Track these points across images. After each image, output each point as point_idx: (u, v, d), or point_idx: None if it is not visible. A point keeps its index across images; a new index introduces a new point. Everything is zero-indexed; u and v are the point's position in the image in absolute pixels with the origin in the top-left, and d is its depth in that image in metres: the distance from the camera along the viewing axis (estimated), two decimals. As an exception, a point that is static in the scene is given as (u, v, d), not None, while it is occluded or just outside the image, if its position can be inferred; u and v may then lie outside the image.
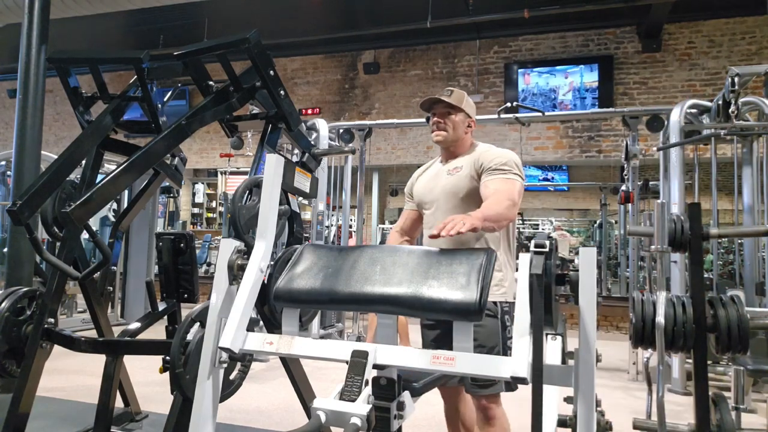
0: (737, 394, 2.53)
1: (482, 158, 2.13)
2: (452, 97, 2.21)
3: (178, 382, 2.02)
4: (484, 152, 2.18)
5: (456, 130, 2.21)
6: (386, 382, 1.40)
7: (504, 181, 2.06)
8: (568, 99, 8.26)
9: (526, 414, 1.21)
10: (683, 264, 4.28)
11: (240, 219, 2.19)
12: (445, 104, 2.20)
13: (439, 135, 2.22)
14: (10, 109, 9.87)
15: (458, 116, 2.22)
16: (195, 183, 13.46)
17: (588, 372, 1.25)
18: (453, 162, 2.23)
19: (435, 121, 2.22)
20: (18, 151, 3.94)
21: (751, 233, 3.71)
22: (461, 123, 2.23)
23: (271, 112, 2.69)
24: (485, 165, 2.11)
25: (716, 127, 4.32)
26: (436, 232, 1.63)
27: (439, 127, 2.21)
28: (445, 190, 2.17)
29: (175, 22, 8.16)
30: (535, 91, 8.40)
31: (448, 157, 2.27)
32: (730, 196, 5.13)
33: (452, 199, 2.15)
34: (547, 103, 8.27)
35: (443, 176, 2.22)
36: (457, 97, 2.23)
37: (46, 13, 4.13)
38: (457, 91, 2.23)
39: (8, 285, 3.62)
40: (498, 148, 2.21)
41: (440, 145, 2.27)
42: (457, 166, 2.19)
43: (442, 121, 2.20)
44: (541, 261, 1.30)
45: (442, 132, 2.21)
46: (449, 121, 2.20)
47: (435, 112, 2.23)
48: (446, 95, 2.21)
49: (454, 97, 2.21)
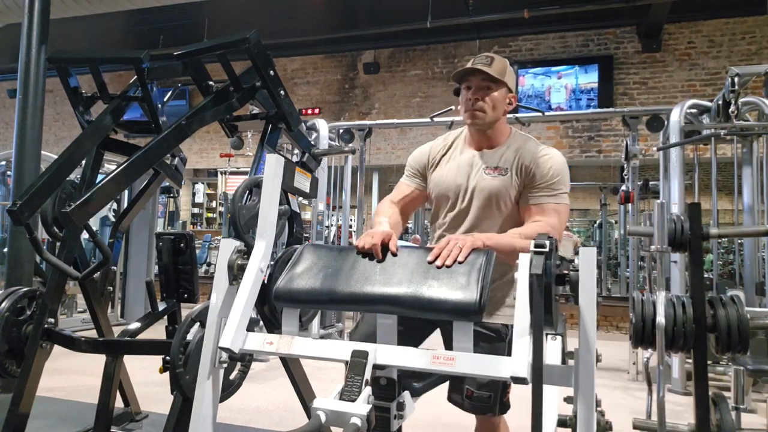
0: (737, 394, 2.53)
1: (532, 164, 1.74)
2: (493, 66, 1.75)
3: (178, 382, 2.02)
4: (532, 153, 1.76)
5: (496, 109, 1.76)
6: (386, 382, 1.40)
7: (553, 209, 1.71)
8: (563, 101, 8.25)
9: (526, 414, 1.21)
10: (683, 264, 4.28)
11: (240, 219, 2.19)
12: (485, 75, 1.74)
13: (476, 116, 1.75)
14: (10, 109, 9.87)
15: (499, 91, 1.76)
16: (195, 183, 13.46)
17: (588, 372, 1.25)
18: (490, 155, 1.79)
19: (470, 98, 1.75)
20: (18, 151, 3.94)
21: (751, 233, 3.71)
22: (502, 100, 1.78)
23: (271, 112, 2.69)
24: (537, 177, 1.73)
25: (716, 127, 4.32)
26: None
27: (477, 105, 1.74)
28: (483, 194, 1.76)
29: (175, 22, 8.16)
30: (531, 92, 8.39)
31: (481, 144, 1.82)
32: (730, 196, 5.13)
33: (489, 209, 1.76)
34: (542, 105, 8.27)
35: (478, 173, 1.79)
36: (499, 66, 1.76)
37: (46, 13, 4.13)
38: (498, 58, 1.78)
39: (8, 285, 3.62)
40: (545, 147, 1.80)
41: (473, 128, 1.81)
42: (498, 166, 1.77)
43: (480, 97, 1.74)
44: (541, 261, 1.30)
45: (479, 112, 1.74)
46: (489, 98, 1.74)
47: (470, 85, 1.77)
48: (485, 64, 1.74)
49: (495, 66, 1.75)
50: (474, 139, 1.85)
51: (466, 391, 1.74)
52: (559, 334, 1.50)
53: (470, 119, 1.78)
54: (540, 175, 1.73)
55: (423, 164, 1.92)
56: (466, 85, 1.78)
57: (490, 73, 1.73)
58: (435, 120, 5.94)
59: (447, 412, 1.82)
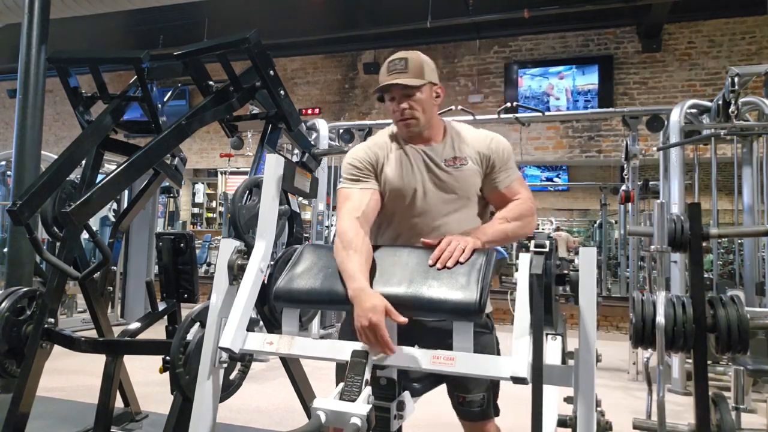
0: (737, 394, 2.53)
1: (489, 152, 1.72)
2: (410, 70, 1.65)
3: (178, 382, 2.02)
4: (481, 141, 1.75)
5: (426, 111, 1.69)
6: (386, 382, 1.40)
7: (520, 185, 1.74)
8: (563, 104, 8.26)
9: (526, 414, 1.21)
10: (683, 264, 4.28)
11: (240, 219, 2.19)
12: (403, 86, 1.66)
13: (409, 125, 1.69)
14: (10, 109, 9.87)
15: (424, 92, 1.67)
16: (195, 183, 13.46)
17: (588, 372, 1.25)
18: (439, 148, 1.73)
19: (397, 110, 1.68)
20: (18, 151, 3.94)
21: (751, 233, 3.72)
22: (429, 100, 1.69)
23: (271, 112, 2.69)
24: (497, 163, 1.73)
25: (716, 127, 4.32)
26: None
27: (406, 114, 1.67)
28: (449, 187, 1.70)
29: (175, 22, 8.16)
30: (528, 94, 8.39)
31: (422, 140, 1.75)
32: (730, 196, 5.13)
33: (457, 201, 1.71)
34: (540, 106, 8.28)
35: (436, 168, 1.71)
36: (415, 67, 1.66)
37: (46, 13, 4.13)
38: (412, 57, 1.67)
39: (8, 285, 3.62)
40: (484, 131, 1.80)
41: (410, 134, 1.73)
42: (456, 156, 1.71)
43: (408, 106, 1.66)
44: (541, 261, 1.30)
45: (411, 120, 1.68)
46: (416, 104, 1.66)
47: (393, 96, 1.68)
48: (401, 71, 1.64)
49: (412, 69, 1.65)
50: (412, 138, 1.75)
51: (458, 398, 1.69)
52: (559, 334, 1.50)
53: (405, 129, 1.71)
54: (499, 160, 1.73)
55: (372, 163, 1.74)
56: (389, 96, 1.69)
57: (408, 83, 1.64)
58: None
59: (447, 412, 1.82)
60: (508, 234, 1.67)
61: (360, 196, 1.68)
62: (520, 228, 1.68)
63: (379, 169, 1.73)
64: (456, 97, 8.48)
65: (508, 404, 2.10)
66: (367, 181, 1.72)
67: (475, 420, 1.73)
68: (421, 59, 1.69)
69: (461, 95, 8.64)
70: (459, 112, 5.81)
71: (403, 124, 1.70)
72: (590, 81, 8.19)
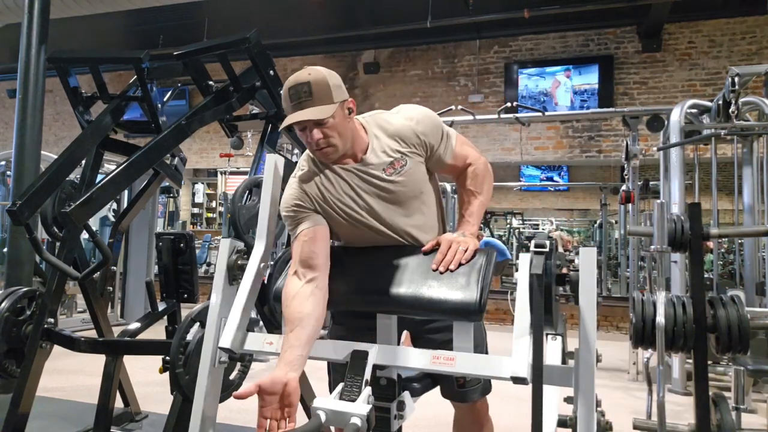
0: (737, 394, 2.53)
1: (419, 134, 1.60)
2: (315, 97, 1.47)
3: (178, 382, 2.02)
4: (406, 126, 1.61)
5: (343, 134, 1.52)
6: (386, 382, 1.40)
7: (461, 145, 1.71)
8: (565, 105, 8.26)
9: (526, 414, 1.21)
10: (683, 264, 4.28)
11: (240, 219, 2.19)
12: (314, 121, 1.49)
13: (328, 154, 1.53)
14: (10, 109, 9.86)
15: (336, 116, 1.50)
16: (195, 183, 13.46)
17: (588, 372, 1.25)
18: (371, 158, 1.57)
19: (311, 141, 1.51)
20: (18, 151, 3.94)
21: (751, 233, 3.72)
22: (343, 120, 1.52)
23: (271, 112, 2.69)
24: (432, 139, 1.62)
25: (716, 127, 4.32)
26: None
27: (321, 145, 1.50)
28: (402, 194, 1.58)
29: (175, 22, 8.15)
30: (524, 93, 8.39)
31: (349, 158, 1.59)
32: (730, 196, 5.13)
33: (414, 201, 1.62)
34: (540, 105, 8.28)
35: (377, 182, 1.57)
36: (320, 91, 1.48)
37: (46, 13, 4.13)
38: (314, 79, 1.48)
39: (8, 285, 3.61)
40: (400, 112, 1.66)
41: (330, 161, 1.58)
42: (394, 160, 1.57)
43: (322, 135, 1.49)
44: (542, 261, 1.30)
45: (329, 148, 1.51)
46: (330, 130, 1.49)
47: (304, 127, 1.50)
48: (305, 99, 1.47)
49: (317, 94, 1.47)
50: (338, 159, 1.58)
51: (457, 381, 1.64)
52: (559, 334, 1.50)
53: (324, 158, 1.56)
54: (432, 137, 1.62)
55: (310, 200, 1.59)
56: (299, 127, 1.51)
57: (316, 118, 1.47)
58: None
59: (447, 412, 1.82)
60: (485, 203, 1.71)
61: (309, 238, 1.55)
62: (490, 189, 1.73)
63: (316, 206, 1.59)
64: (456, 97, 8.48)
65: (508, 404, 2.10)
66: (313, 217, 1.58)
67: (475, 399, 1.71)
68: (325, 80, 1.50)
69: (461, 95, 8.64)
70: (459, 112, 5.81)
71: (321, 154, 1.54)
72: (590, 81, 8.19)
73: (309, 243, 1.54)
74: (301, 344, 1.41)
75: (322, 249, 1.55)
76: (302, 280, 1.50)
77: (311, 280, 1.50)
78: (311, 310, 1.46)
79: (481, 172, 1.72)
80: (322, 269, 1.53)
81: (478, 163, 1.73)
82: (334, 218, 1.60)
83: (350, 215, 1.58)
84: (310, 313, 1.45)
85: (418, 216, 1.63)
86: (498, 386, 1.63)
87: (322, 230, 1.58)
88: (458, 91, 8.74)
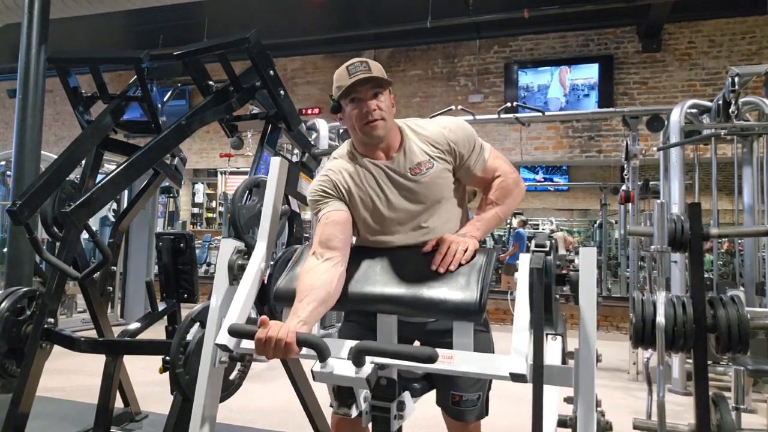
0: (737, 394, 2.53)
1: (450, 143, 1.62)
2: (373, 69, 1.56)
3: (178, 382, 2.02)
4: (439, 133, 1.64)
5: (391, 113, 1.59)
6: (386, 382, 1.40)
7: (494, 159, 1.68)
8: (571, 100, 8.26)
9: (525, 414, 1.21)
10: (683, 264, 4.28)
11: (240, 219, 2.19)
12: (374, 81, 1.55)
13: (377, 128, 1.56)
14: (10, 109, 9.86)
15: (387, 95, 1.59)
16: (195, 183, 13.46)
17: (588, 372, 1.25)
18: (400, 158, 1.62)
19: (364, 111, 1.55)
20: (18, 151, 3.94)
21: (751, 233, 3.72)
22: (390, 105, 1.60)
23: (271, 112, 2.69)
24: (464, 150, 1.63)
25: (716, 127, 4.32)
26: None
27: (375, 115, 1.54)
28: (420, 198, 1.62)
29: (175, 22, 8.15)
30: (526, 93, 8.39)
31: (381, 153, 1.63)
32: (730, 196, 5.13)
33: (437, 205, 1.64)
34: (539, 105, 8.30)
35: (401, 180, 1.61)
36: (377, 69, 1.57)
37: (46, 13, 4.13)
38: (370, 61, 1.59)
39: (8, 285, 3.62)
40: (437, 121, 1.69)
41: (372, 141, 1.60)
42: (420, 162, 1.61)
43: (376, 107, 1.55)
44: (542, 257, 1.30)
45: (380, 121, 1.55)
46: (383, 105, 1.56)
47: (357, 97, 1.55)
48: (366, 71, 1.54)
49: (375, 69, 1.56)
50: (371, 151, 1.63)
51: (453, 397, 1.63)
52: (559, 334, 1.49)
53: (372, 132, 1.56)
54: (463, 146, 1.64)
55: (338, 187, 1.63)
56: (351, 98, 1.56)
57: (379, 76, 1.55)
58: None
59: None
60: (501, 216, 1.67)
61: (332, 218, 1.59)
62: (512, 204, 1.69)
63: (342, 194, 1.64)
64: (456, 97, 8.48)
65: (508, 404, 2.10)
66: (337, 202, 1.62)
67: (468, 420, 1.68)
68: (378, 64, 1.60)
69: (461, 95, 8.64)
70: (459, 112, 5.81)
71: (372, 126, 1.55)
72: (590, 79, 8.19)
73: (330, 226, 1.57)
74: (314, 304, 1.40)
75: (342, 233, 1.57)
76: (319, 259, 1.51)
77: (328, 260, 1.51)
78: (324, 281, 1.45)
79: (509, 186, 1.68)
80: (341, 251, 1.54)
81: (508, 178, 1.69)
82: (357, 209, 1.64)
83: (371, 208, 1.63)
84: (323, 285, 1.45)
85: (434, 219, 1.63)
86: (497, 386, 1.63)
87: (343, 215, 1.60)
88: (458, 91, 8.74)
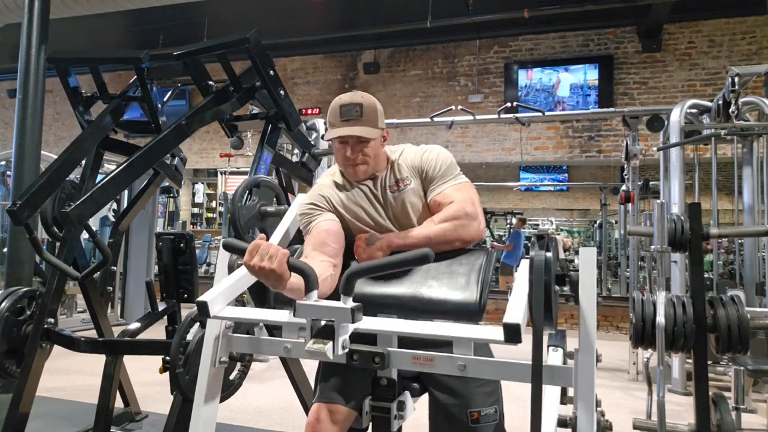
0: (737, 394, 2.54)
1: (422, 163, 1.67)
2: (365, 116, 1.60)
3: (178, 382, 2.02)
4: (415, 154, 1.71)
5: (376, 157, 1.66)
6: (386, 382, 1.40)
7: (454, 190, 1.64)
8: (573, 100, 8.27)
9: (525, 414, 1.21)
10: (683, 264, 4.28)
11: (240, 219, 2.19)
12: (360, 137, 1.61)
13: (359, 171, 1.65)
14: (10, 109, 9.87)
15: (376, 139, 1.63)
16: (195, 183, 13.46)
17: (588, 372, 1.25)
18: (385, 176, 1.69)
19: (349, 156, 1.62)
20: (18, 151, 3.94)
21: (751, 233, 3.71)
22: (379, 146, 1.66)
23: (271, 112, 2.69)
24: (430, 172, 1.66)
25: (716, 127, 4.32)
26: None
27: (357, 161, 1.63)
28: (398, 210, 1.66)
29: (175, 22, 8.15)
30: (539, 86, 8.40)
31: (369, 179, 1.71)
32: (730, 196, 5.14)
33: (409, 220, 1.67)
34: (549, 99, 8.29)
35: (380, 195, 1.67)
36: (370, 113, 1.61)
37: (46, 13, 4.13)
38: (366, 101, 1.62)
39: (8, 285, 3.62)
40: (423, 146, 1.74)
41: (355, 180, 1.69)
42: (399, 179, 1.67)
43: (360, 151, 1.61)
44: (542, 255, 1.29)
45: (361, 166, 1.64)
46: (369, 151, 1.62)
47: (345, 142, 1.62)
48: (356, 119, 1.59)
49: (367, 115, 1.61)
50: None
51: (471, 415, 1.53)
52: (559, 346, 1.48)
53: (353, 173, 1.66)
54: (431, 169, 1.66)
55: (327, 202, 1.69)
56: (340, 140, 1.62)
57: (364, 135, 1.59)
58: (435, 120, 5.95)
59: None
60: (431, 237, 1.56)
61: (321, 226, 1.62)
62: (449, 230, 1.57)
63: (332, 207, 1.68)
64: (456, 97, 8.48)
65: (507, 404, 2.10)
66: (327, 213, 1.67)
67: None
68: (375, 106, 1.64)
69: (461, 95, 8.64)
70: (459, 112, 5.81)
71: (353, 170, 1.65)
72: (590, 79, 8.19)
73: (323, 233, 1.60)
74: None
75: (335, 242, 1.59)
76: (313, 261, 1.47)
77: (322, 261, 1.50)
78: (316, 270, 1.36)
79: (452, 213, 1.59)
80: (334, 258, 1.54)
81: (456, 206, 1.60)
82: (344, 222, 1.67)
83: (355, 223, 1.67)
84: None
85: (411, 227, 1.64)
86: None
87: (335, 225, 1.64)
88: (458, 91, 8.74)
